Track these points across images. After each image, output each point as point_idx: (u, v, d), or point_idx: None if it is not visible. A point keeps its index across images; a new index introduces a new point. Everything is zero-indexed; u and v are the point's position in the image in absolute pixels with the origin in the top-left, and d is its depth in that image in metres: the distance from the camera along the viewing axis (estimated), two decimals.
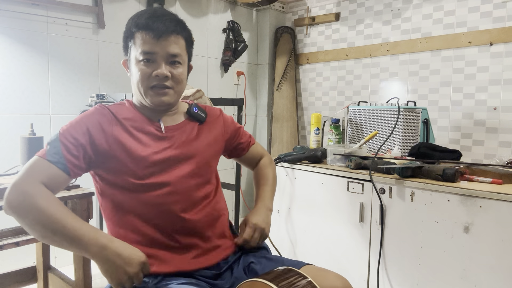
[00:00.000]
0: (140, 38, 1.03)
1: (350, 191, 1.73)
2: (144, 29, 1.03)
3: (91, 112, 1.02)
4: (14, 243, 1.44)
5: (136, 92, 1.07)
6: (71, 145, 0.95)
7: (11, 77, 2.16)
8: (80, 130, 0.97)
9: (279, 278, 0.90)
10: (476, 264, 1.38)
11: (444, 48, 2.47)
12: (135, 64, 1.04)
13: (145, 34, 1.03)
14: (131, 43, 1.05)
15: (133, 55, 1.05)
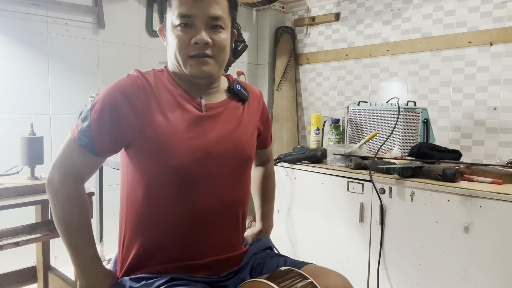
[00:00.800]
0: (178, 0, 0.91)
1: (350, 191, 1.73)
2: None
3: (125, 83, 0.92)
4: (14, 243, 1.44)
5: (174, 62, 0.96)
6: (99, 128, 0.89)
7: (11, 77, 2.16)
8: (111, 108, 0.89)
9: (280, 278, 0.90)
10: (476, 264, 1.38)
11: (444, 48, 2.47)
12: (171, 30, 0.93)
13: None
14: (166, 5, 0.94)
15: (169, 19, 0.93)
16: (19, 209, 1.45)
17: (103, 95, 0.91)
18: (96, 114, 0.89)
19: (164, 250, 0.95)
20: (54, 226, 1.64)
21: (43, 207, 1.78)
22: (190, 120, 0.93)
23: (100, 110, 0.89)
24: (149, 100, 0.91)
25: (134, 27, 2.65)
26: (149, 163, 0.91)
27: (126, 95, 0.90)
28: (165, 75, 0.98)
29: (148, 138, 0.90)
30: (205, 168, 0.93)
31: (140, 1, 2.67)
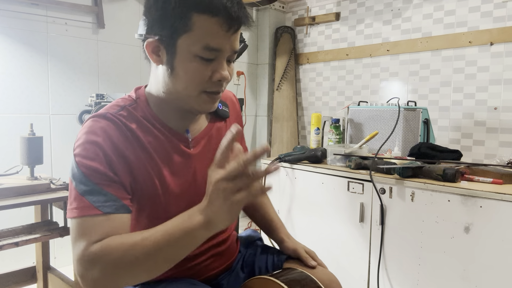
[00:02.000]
0: (207, 26, 0.72)
1: (350, 191, 1.72)
2: (215, 14, 0.71)
3: (100, 132, 0.75)
4: (14, 243, 1.44)
5: (173, 93, 0.79)
6: (111, 181, 0.73)
7: (11, 77, 2.15)
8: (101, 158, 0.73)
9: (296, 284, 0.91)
10: (476, 264, 1.37)
11: (445, 48, 2.47)
12: (188, 60, 0.74)
13: (215, 22, 0.72)
14: (181, 26, 0.72)
15: (184, 44, 0.73)
16: (18, 209, 1.45)
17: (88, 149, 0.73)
18: (99, 172, 0.72)
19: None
20: (54, 226, 1.64)
21: (43, 207, 1.78)
22: (180, 166, 0.83)
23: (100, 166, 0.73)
24: (131, 144, 0.77)
25: (134, 27, 2.65)
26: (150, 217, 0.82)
27: (110, 142, 0.74)
28: (140, 109, 0.81)
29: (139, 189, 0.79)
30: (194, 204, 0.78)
31: (140, 1, 2.67)
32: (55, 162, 2.33)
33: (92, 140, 0.73)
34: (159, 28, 0.74)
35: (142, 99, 0.83)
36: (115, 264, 0.66)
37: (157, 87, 0.81)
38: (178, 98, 0.79)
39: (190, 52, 0.74)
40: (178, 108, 0.82)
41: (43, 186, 1.53)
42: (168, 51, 0.75)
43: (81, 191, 0.71)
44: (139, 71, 2.70)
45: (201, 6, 0.70)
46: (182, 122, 0.85)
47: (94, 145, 0.73)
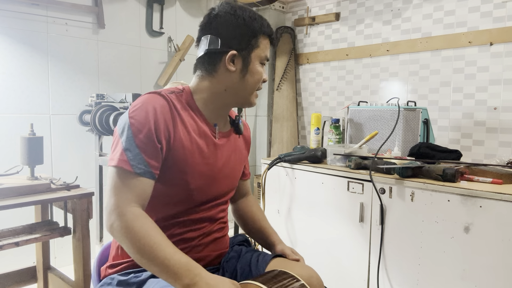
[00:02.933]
0: (265, 43, 1.04)
1: (350, 191, 1.73)
2: (268, 35, 1.05)
3: (158, 103, 0.94)
4: (14, 243, 1.44)
5: (238, 91, 1.03)
6: (149, 148, 0.90)
7: (11, 77, 2.16)
8: (150, 126, 0.90)
9: (272, 281, 0.92)
10: (476, 264, 1.38)
11: (444, 48, 2.47)
12: (256, 65, 1.03)
13: (268, 41, 1.05)
14: (253, 42, 1.02)
15: (255, 55, 1.02)
16: (19, 209, 1.45)
17: (141, 115, 0.91)
18: (143, 137, 0.89)
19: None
20: (54, 226, 1.64)
21: (43, 207, 1.79)
22: (207, 146, 1.02)
23: (143, 132, 0.90)
24: (176, 122, 0.96)
25: (134, 27, 2.65)
26: (167, 179, 0.95)
27: (162, 114, 0.93)
28: (184, 97, 1.02)
29: (173, 157, 0.95)
30: (209, 191, 1.04)
31: (140, 1, 2.67)
32: (55, 162, 2.33)
33: (147, 109, 0.92)
34: (237, 44, 1.00)
35: (187, 91, 1.04)
36: (129, 237, 0.84)
37: (215, 87, 1.02)
38: (238, 95, 1.04)
39: (257, 61, 1.03)
40: (224, 104, 1.05)
41: (43, 186, 1.53)
42: (244, 60, 1.01)
43: (124, 146, 0.89)
44: (139, 71, 2.70)
45: (263, 30, 1.03)
46: (215, 117, 1.06)
47: (148, 113, 0.91)
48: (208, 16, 1.04)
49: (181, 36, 2.89)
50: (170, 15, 2.85)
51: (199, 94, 1.04)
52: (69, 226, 1.61)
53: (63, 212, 1.63)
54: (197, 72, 1.05)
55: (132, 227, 0.84)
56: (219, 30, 1.00)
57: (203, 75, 1.03)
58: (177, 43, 2.86)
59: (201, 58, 1.03)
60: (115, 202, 0.86)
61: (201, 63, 1.03)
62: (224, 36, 1.00)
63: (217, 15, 1.02)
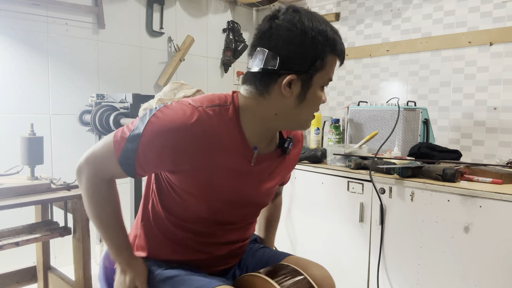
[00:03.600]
0: (332, 63, 0.87)
1: (350, 191, 1.73)
2: (338, 54, 0.88)
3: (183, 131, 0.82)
4: (14, 243, 1.44)
5: (290, 117, 0.89)
6: (144, 160, 0.85)
7: (11, 77, 2.16)
8: (164, 146, 0.83)
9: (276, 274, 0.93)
10: (476, 264, 1.38)
11: (444, 48, 2.47)
12: (317, 90, 0.88)
13: (336, 60, 0.88)
14: (318, 64, 0.84)
15: (317, 78, 0.86)
16: (19, 209, 1.45)
17: (159, 127, 0.82)
18: (146, 144, 0.83)
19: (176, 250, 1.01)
20: (54, 226, 1.64)
21: (43, 207, 1.79)
22: (236, 174, 0.92)
23: (152, 141, 0.83)
24: (205, 146, 0.85)
25: (134, 27, 2.65)
26: (183, 196, 0.93)
27: (185, 137, 0.83)
28: (230, 112, 0.89)
29: (192, 179, 0.89)
30: (232, 212, 0.98)
31: (140, 1, 2.67)
32: (55, 162, 2.33)
33: (171, 127, 0.82)
34: (298, 66, 0.83)
35: (236, 104, 0.90)
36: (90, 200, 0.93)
37: (264, 110, 0.88)
38: (293, 120, 0.90)
39: (319, 85, 0.88)
40: (272, 128, 0.92)
41: (43, 186, 1.53)
42: (304, 85, 0.85)
43: (129, 135, 0.85)
44: (139, 71, 2.70)
45: (333, 48, 0.85)
46: (257, 139, 0.92)
47: (168, 134, 0.82)
48: (269, 24, 0.85)
49: (181, 36, 2.89)
50: (170, 15, 2.85)
51: (246, 112, 0.90)
52: (69, 226, 1.61)
53: (63, 212, 1.63)
54: (247, 87, 0.89)
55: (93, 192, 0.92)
56: (279, 46, 0.83)
57: (253, 93, 0.88)
58: (177, 43, 2.86)
59: (254, 73, 0.87)
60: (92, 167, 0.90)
61: (253, 79, 0.87)
62: (285, 55, 0.83)
63: (280, 26, 0.83)
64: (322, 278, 1.02)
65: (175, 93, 1.86)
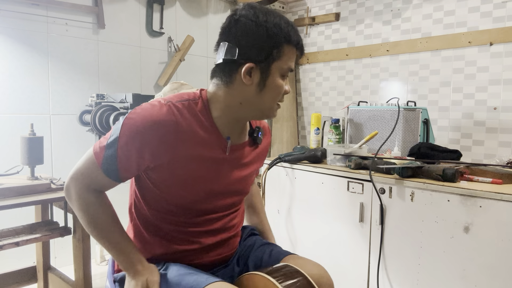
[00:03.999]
0: (289, 53, 0.94)
1: (350, 191, 1.73)
2: (294, 45, 0.95)
3: (159, 118, 0.89)
4: (14, 243, 1.44)
5: (254, 105, 0.96)
6: (126, 160, 0.89)
7: (11, 77, 2.16)
8: (141, 143, 0.88)
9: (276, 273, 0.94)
10: (476, 264, 1.38)
11: (444, 48, 2.47)
12: (276, 78, 0.94)
13: (294, 51, 0.96)
14: (275, 53, 0.92)
15: (275, 67, 0.93)
16: (19, 209, 1.45)
17: (133, 126, 0.88)
18: (125, 145, 0.88)
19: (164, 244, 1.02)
20: (54, 226, 1.64)
21: (43, 207, 1.79)
22: (212, 162, 0.97)
23: (130, 141, 0.88)
24: (179, 136, 0.91)
25: (134, 27, 2.65)
26: (163, 189, 0.96)
27: (159, 129, 0.88)
28: (199, 106, 0.96)
29: (171, 170, 0.93)
30: (213, 201, 1.02)
31: (140, 1, 2.67)
32: (55, 162, 2.33)
33: (144, 124, 0.87)
34: (255, 55, 0.91)
35: (204, 98, 0.97)
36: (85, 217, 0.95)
37: (230, 99, 0.95)
38: (257, 109, 0.97)
39: (278, 73, 0.94)
40: (240, 117, 0.99)
41: (43, 186, 1.53)
42: (263, 73, 0.93)
43: (107, 143, 0.89)
44: (139, 71, 2.70)
45: (289, 39, 0.93)
46: (229, 129, 0.99)
47: (142, 130, 0.87)
48: (229, 20, 0.95)
49: (181, 36, 2.90)
50: (170, 15, 2.85)
51: (214, 104, 0.97)
52: (69, 226, 1.61)
53: (63, 212, 1.63)
54: (214, 80, 0.97)
55: (86, 205, 0.93)
56: (238, 38, 0.92)
57: (219, 84, 0.96)
58: (177, 43, 2.86)
59: (218, 65, 0.95)
60: (78, 183, 0.93)
61: (218, 71, 0.96)
62: (243, 45, 0.91)
63: (238, 20, 0.93)
64: (320, 277, 1.03)
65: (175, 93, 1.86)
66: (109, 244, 0.95)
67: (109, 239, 0.94)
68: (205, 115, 0.96)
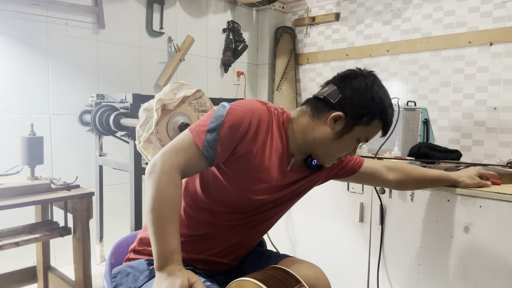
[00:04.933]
0: (375, 127, 1.02)
1: (350, 191, 1.73)
2: (384, 123, 1.03)
3: (261, 112, 0.97)
4: (14, 243, 1.44)
5: (322, 147, 1.04)
6: (226, 144, 0.94)
7: (11, 77, 2.16)
8: (243, 125, 0.95)
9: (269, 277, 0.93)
10: (476, 264, 1.38)
11: (444, 48, 2.47)
12: (351, 139, 1.02)
13: (380, 128, 1.03)
14: (365, 119, 1.00)
15: (358, 129, 1.01)
16: (19, 209, 1.45)
17: (238, 115, 0.94)
18: (228, 131, 0.93)
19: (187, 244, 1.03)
20: (54, 226, 1.64)
21: (43, 207, 1.79)
22: (278, 170, 1.03)
23: (234, 129, 0.93)
24: (265, 136, 0.99)
25: (134, 27, 2.65)
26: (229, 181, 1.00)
27: (257, 127, 0.96)
28: (283, 117, 1.05)
29: (252, 158, 0.98)
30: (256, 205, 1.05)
31: (140, 1, 2.67)
32: (55, 162, 2.33)
33: (248, 113, 0.95)
34: (349, 110, 0.99)
35: (288, 116, 1.06)
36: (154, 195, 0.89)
37: (308, 130, 1.04)
38: (323, 151, 1.04)
39: (356, 136, 1.02)
40: (306, 146, 1.05)
41: (43, 186, 1.53)
42: (345, 127, 1.00)
43: (209, 127, 0.93)
44: (139, 71, 2.70)
45: (384, 116, 1.01)
46: (295, 151, 1.06)
47: (246, 117, 0.95)
48: (350, 73, 1.03)
49: (181, 36, 2.90)
50: (170, 15, 2.85)
51: (294, 125, 1.05)
52: (69, 226, 1.61)
53: (63, 212, 1.63)
54: (304, 107, 1.06)
55: (161, 189, 0.89)
56: (345, 89, 1.00)
57: (306, 113, 1.04)
58: (177, 43, 2.86)
59: (316, 98, 1.04)
60: (169, 158, 0.91)
61: (313, 103, 1.04)
62: (346, 96, 0.99)
63: (358, 77, 1.01)
64: (316, 278, 1.04)
65: (175, 93, 1.86)
66: (161, 234, 0.87)
67: (165, 228, 0.88)
68: (285, 127, 1.04)
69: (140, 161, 2.02)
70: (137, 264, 1.02)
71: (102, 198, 2.42)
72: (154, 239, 0.87)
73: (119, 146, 2.39)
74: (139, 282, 0.98)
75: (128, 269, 1.01)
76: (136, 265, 1.01)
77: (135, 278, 0.98)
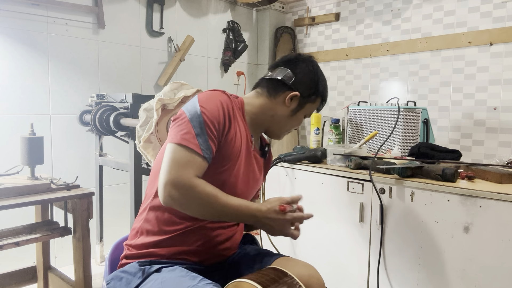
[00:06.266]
0: (317, 104, 1.21)
1: (350, 191, 1.73)
2: (321, 102, 1.22)
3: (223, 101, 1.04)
4: (14, 243, 1.44)
5: (279, 123, 1.18)
6: (214, 138, 1.00)
7: (11, 77, 2.16)
8: (220, 117, 1.02)
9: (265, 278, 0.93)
10: (476, 264, 1.38)
11: (444, 48, 2.47)
12: (301, 115, 1.19)
13: (319, 104, 1.22)
14: (312, 98, 1.18)
15: (307, 107, 1.19)
16: (19, 209, 1.45)
17: (212, 108, 1.01)
18: (211, 128, 0.99)
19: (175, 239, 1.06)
20: (54, 226, 1.64)
21: (43, 207, 1.79)
22: (247, 150, 1.12)
23: (212, 125, 1.00)
24: (233, 120, 1.06)
25: (134, 27, 2.65)
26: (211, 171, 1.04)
27: (227, 111, 1.04)
28: (239, 101, 1.14)
29: (232, 142, 1.05)
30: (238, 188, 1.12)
31: (140, 1, 2.67)
32: (55, 162, 2.33)
33: (216, 103, 1.02)
34: (303, 90, 1.15)
35: (241, 100, 1.15)
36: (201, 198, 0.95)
37: (266, 109, 1.16)
38: (279, 127, 1.20)
39: (305, 112, 1.20)
40: (264, 126, 1.18)
41: (43, 186, 1.53)
42: (299, 105, 1.17)
43: (195, 131, 0.98)
44: (139, 71, 2.70)
45: (323, 95, 1.21)
46: (252, 132, 1.16)
47: (217, 106, 1.02)
48: (296, 58, 1.17)
49: (181, 36, 2.90)
50: (170, 15, 2.85)
51: (250, 107, 1.15)
52: (69, 226, 1.61)
53: (63, 212, 1.63)
54: (258, 89, 1.17)
55: (200, 192, 0.95)
56: (297, 72, 1.15)
57: (262, 94, 1.16)
58: (177, 43, 2.86)
59: (269, 80, 1.15)
60: (177, 175, 0.94)
61: (267, 84, 1.16)
62: (299, 78, 1.14)
63: (303, 61, 1.16)
64: (309, 277, 1.06)
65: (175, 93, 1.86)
66: (235, 212, 0.98)
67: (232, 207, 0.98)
68: (242, 110, 1.13)
69: (140, 161, 2.02)
70: (129, 268, 1.03)
71: (102, 198, 2.42)
72: (230, 217, 1.01)
73: (119, 146, 2.39)
74: (132, 285, 0.99)
75: (121, 274, 1.03)
76: (128, 269, 1.03)
77: (128, 281, 1.00)
